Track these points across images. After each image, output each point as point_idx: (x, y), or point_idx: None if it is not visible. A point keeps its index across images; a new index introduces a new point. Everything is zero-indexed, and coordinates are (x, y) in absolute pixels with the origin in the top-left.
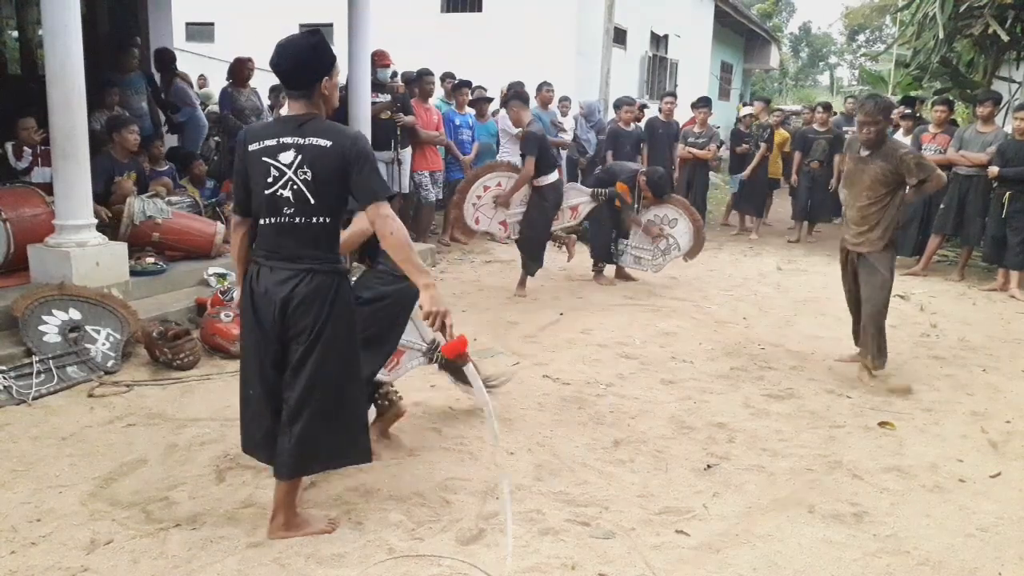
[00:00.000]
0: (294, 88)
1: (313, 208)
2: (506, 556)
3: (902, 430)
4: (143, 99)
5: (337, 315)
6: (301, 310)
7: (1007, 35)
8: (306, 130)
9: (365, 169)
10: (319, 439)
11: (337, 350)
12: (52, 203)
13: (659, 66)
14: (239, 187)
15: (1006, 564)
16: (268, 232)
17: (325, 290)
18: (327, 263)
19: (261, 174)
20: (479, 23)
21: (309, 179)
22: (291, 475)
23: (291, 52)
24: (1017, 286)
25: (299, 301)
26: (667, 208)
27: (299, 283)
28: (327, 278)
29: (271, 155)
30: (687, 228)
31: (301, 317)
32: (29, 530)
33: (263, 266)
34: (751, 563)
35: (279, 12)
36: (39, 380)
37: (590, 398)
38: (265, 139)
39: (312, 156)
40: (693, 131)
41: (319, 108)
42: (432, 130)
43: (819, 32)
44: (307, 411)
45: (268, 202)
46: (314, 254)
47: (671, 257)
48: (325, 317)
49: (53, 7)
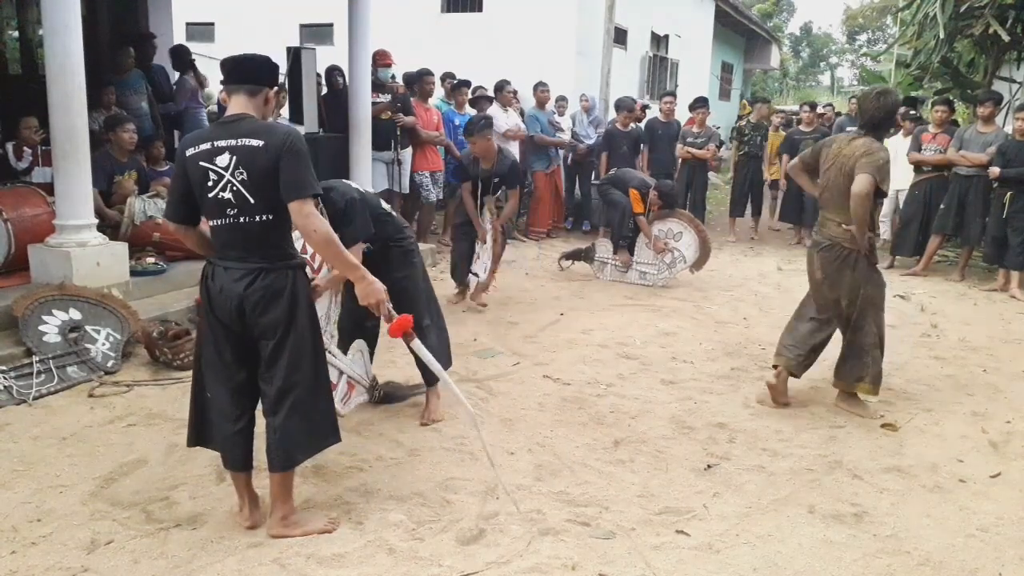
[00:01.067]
0: (241, 80)
1: (254, 207)
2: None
3: (902, 430)
4: (143, 99)
5: (299, 309)
6: (260, 309)
7: (1008, 35)
8: (239, 131)
9: (291, 164)
10: (301, 429)
11: (306, 342)
12: (53, 203)
13: (659, 66)
14: (174, 192)
15: (1006, 564)
16: (217, 233)
17: (280, 287)
18: (278, 259)
19: (201, 179)
20: (479, 23)
21: (246, 179)
22: (283, 467)
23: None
24: (1017, 286)
25: (256, 300)
26: (671, 222)
27: (253, 281)
28: (279, 275)
29: (207, 159)
30: (692, 240)
31: (261, 316)
32: (29, 530)
33: (217, 265)
34: (751, 563)
35: (279, 12)
36: (39, 380)
37: (590, 398)
38: (201, 144)
39: (246, 157)
40: (692, 131)
41: (257, 111)
42: (432, 130)
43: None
44: (287, 404)
45: (211, 205)
46: (263, 252)
47: (677, 270)
48: (288, 314)
49: (53, 7)
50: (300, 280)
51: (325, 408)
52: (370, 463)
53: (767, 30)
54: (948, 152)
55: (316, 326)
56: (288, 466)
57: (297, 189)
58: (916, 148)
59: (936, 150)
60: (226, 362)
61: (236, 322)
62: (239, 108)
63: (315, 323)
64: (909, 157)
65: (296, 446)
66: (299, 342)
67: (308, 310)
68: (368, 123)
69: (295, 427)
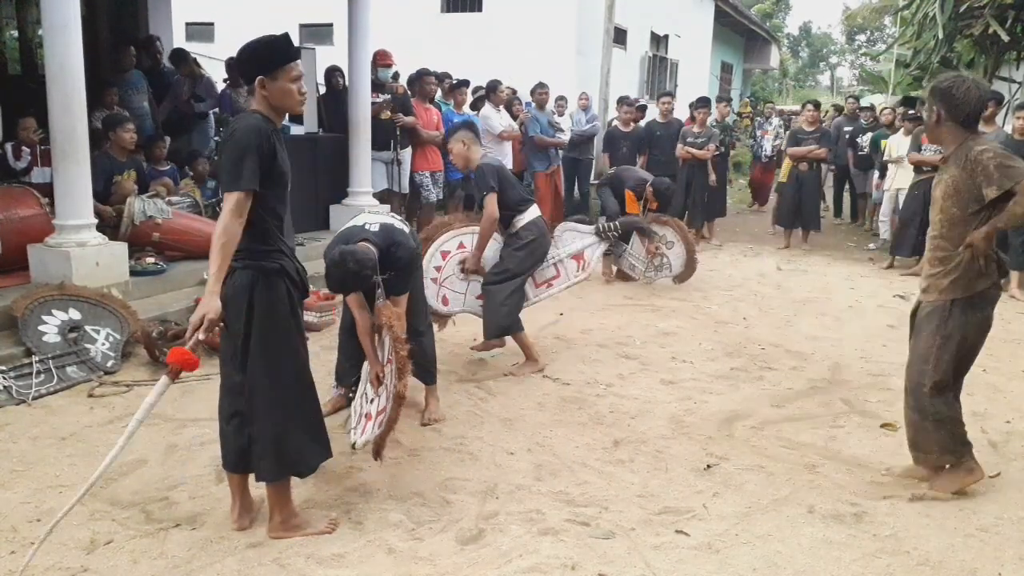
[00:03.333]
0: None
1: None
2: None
3: (903, 430)
4: (143, 98)
5: (258, 316)
6: (229, 309)
7: (1007, 35)
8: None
9: (224, 155)
10: (268, 443)
11: (261, 353)
12: (47, 204)
13: (659, 66)
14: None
15: (1006, 564)
16: None
17: (242, 289)
18: (245, 259)
19: None
20: (479, 23)
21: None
22: (268, 479)
23: (242, 49)
24: (1017, 286)
25: (228, 299)
26: (667, 229)
27: (227, 280)
28: (243, 275)
29: None
30: (681, 252)
31: (231, 317)
32: (29, 530)
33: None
34: (751, 563)
35: (279, 12)
36: (39, 380)
37: (590, 398)
38: None
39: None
40: (692, 131)
41: (263, 105)
42: (432, 130)
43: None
44: (254, 414)
45: None
46: (238, 251)
47: (662, 275)
48: (245, 319)
49: (53, 6)
50: (262, 285)
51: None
52: (370, 463)
53: (767, 30)
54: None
55: (278, 338)
56: (272, 477)
57: (223, 178)
58: (916, 148)
59: (935, 150)
60: (224, 359)
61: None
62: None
63: (276, 334)
64: (909, 157)
65: (271, 456)
66: (256, 354)
67: (269, 318)
68: (368, 123)
69: (265, 436)
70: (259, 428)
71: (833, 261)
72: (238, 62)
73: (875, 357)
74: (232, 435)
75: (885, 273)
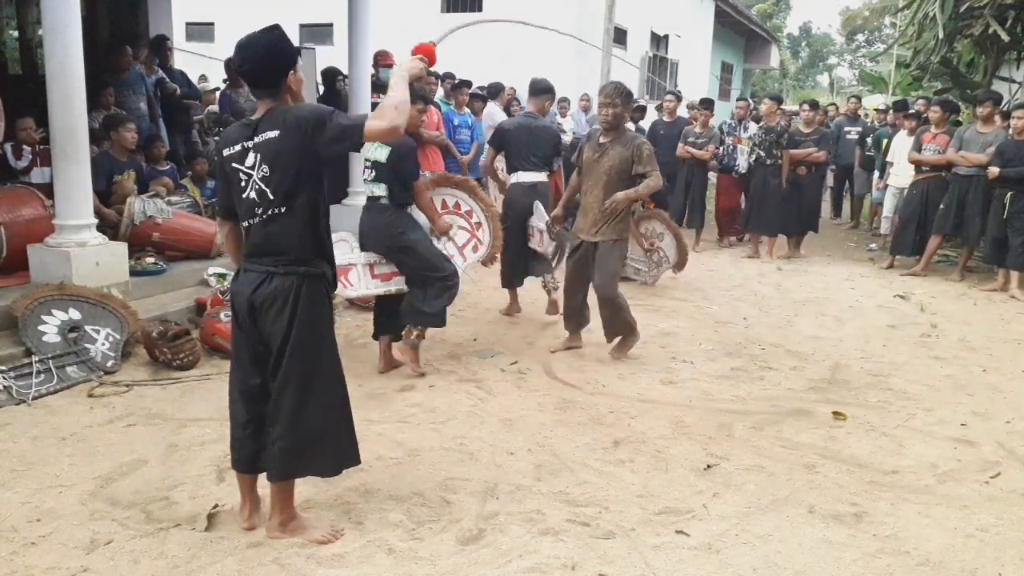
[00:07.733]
0: (260, 87)
1: (271, 202)
2: None
3: (902, 430)
4: (141, 99)
5: (301, 322)
6: (263, 314)
7: (1007, 35)
8: (260, 128)
9: (332, 122)
10: (296, 442)
11: (302, 359)
12: (51, 205)
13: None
14: (221, 189)
15: (1006, 564)
16: (247, 235)
17: (284, 294)
18: (287, 264)
19: (235, 181)
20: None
21: (267, 174)
22: (278, 478)
23: (252, 51)
24: (1017, 286)
25: (260, 304)
26: (655, 223)
27: (259, 285)
28: (285, 281)
29: (239, 161)
30: (671, 241)
31: (265, 322)
32: (29, 530)
33: (242, 268)
34: (751, 563)
35: (279, 12)
36: (39, 380)
37: (590, 398)
38: (234, 145)
39: (266, 151)
40: (694, 131)
41: (285, 104)
42: (433, 130)
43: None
44: (282, 415)
45: (244, 206)
46: (276, 257)
47: (663, 270)
48: (287, 324)
49: (53, 6)
50: (306, 291)
51: (324, 430)
52: (370, 463)
53: (767, 30)
54: (947, 152)
55: (321, 344)
56: (282, 476)
57: (351, 118)
58: (916, 148)
59: (935, 150)
60: (242, 364)
61: (249, 324)
62: (265, 109)
63: (319, 340)
64: (909, 157)
65: (290, 457)
66: (295, 359)
67: (312, 324)
68: None
69: (288, 438)
70: (295, 429)
71: (833, 261)
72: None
73: (875, 357)
74: (248, 440)
75: (885, 273)
